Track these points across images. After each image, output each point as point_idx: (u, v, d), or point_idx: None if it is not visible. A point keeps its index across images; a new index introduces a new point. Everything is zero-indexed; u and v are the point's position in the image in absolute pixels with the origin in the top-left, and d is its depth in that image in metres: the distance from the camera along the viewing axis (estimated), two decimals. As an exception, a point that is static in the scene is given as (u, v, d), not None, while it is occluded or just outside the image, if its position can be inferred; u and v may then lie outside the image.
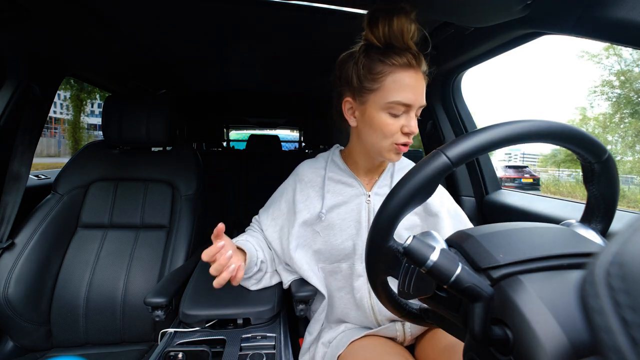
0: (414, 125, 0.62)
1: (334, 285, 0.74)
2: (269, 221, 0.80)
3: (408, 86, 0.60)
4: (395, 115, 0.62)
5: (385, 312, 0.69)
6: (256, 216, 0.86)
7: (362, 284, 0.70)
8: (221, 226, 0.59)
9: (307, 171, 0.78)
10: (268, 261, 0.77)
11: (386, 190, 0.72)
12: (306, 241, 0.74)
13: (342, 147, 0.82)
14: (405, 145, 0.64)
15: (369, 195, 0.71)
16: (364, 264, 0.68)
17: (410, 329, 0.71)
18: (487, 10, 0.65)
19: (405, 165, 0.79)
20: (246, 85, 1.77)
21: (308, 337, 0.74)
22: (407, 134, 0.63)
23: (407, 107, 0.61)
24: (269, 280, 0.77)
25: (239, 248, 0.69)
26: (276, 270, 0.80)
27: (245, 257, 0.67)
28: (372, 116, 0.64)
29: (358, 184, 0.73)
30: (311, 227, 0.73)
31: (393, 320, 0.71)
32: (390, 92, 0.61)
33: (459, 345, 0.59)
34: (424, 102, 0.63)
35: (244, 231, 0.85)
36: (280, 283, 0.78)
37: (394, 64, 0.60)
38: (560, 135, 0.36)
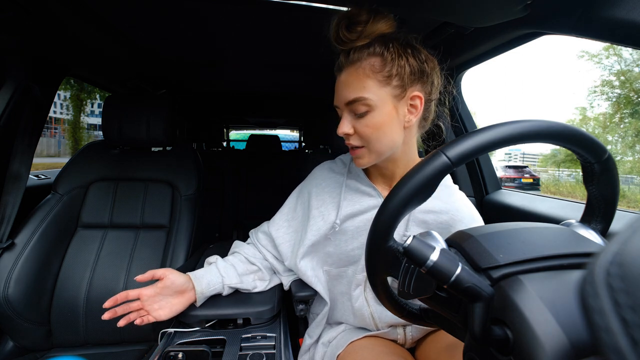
0: (340, 125, 0.61)
1: (338, 289, 0.73)
2: (282, 222, 0.77)
3: (335, 89, 0.63)
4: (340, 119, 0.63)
5: (385, 319, 0.68)
6: (255, 230, 0.82)
7: (359, 293, 0.69)
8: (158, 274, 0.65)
9: (325, 175, 0.74)
10: (265, 275, 0.76)
11: None
12: (314, 249, 0.72)
13: None
14: (351, 147, 0.63)
15: None
16: (364, 273, 0.68)
17: (411, 333, 0.70)
18: (487, 10, 0.65)
19: None
20: (246, 85, 1.76)
21: (308, 340, 0.74)
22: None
23: (338, 108, 0.63)
24: (263, 288, 0.76)
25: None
26: (275, 273, 0.79)
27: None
28: None
29: (377, 194, 0.69)
30: (324, 235, 0.70)
31: (393, 326, 0.70)
32: None
33: (459, 345, 0.59)
34: (347, 97, 0.59)
35: (244, 231, 0.84)
36: (281, 283, 0.78)
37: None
38: (560, 135, 0.36)
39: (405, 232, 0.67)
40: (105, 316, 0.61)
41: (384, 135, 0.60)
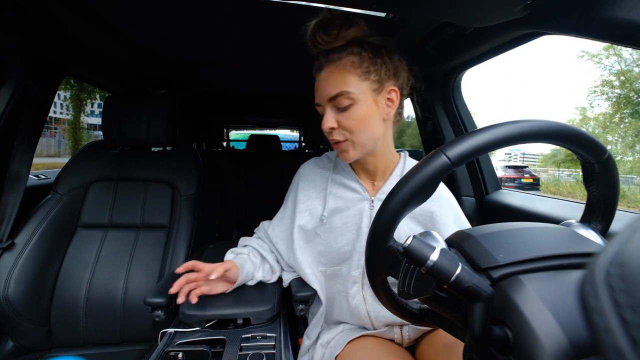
0: (323, 121, 0.64)
1: (335, 288, 0.73)
2: (277, 221, 0.80)
3: (316, 88, 0.66)
4: (322, 116, 0.66)
5: (382, 318, 0.69)
6: (257, 228, 0.86)
7: (357, 291, 0.70)
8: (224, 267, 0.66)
9: (312, 170, 0.77)
10: (275, 267, 0.78)
11: None
12: (307, 244, 0.73)
13: None
14: (333, 142, 0.66)
15: (372, 201, 0.70)
16: (359, 270, 0.69)
17: (408, 332, 0.71)
18: (487, 10, 0.65)
19: None
20: (246, 85, 1.76)
21: (307, 341, 0.74)
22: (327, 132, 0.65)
23: (320, 106, 0.66)
24: (275, 280, 0.80)
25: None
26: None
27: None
28: None
29: (362, 189, 0.71)
30: (312, 229, 0.72)
31: (389, 325, 0.71)
32: None
33: (458, 344, 0.60)
34: (330, 93, 0.63)
35: (244, 231, 0.86)
36: (281, 283, 0.79)
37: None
38: (560, 135, 0.36)
39: None
40: (173, 289, 0.63)
41: (367, 127, 0.63)
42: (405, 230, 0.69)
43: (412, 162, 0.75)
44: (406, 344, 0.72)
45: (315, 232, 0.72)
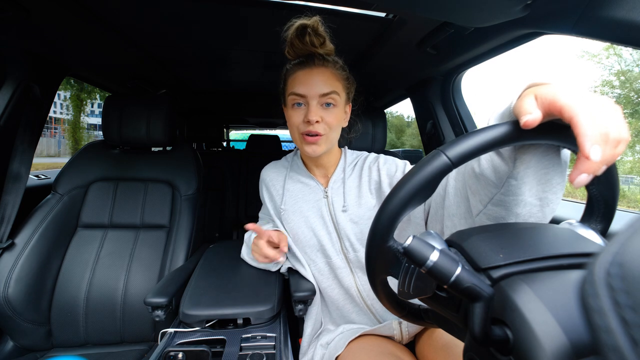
0: (311, 112, 0.68)
1: (324, 284, 0.77)
2: (262, 222, 0.90)
3: (301, 80, 0.69)
4: (298, 108, 0.70)
5: (372, 294, 0.72)
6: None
7: (346, 274, 0.74)
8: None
9: (270, 173, 0.86)
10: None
11: (339, 185, 0.77)
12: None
13: None
14: (308, 135, 0.69)
15: (326, 191, 0.77)
16: (340, 256, 0.74)
17: (407, 328, 0.72)
18: (487, 10, 0.65)
19: (355, 158, 0.82)
20: (246, 85, 1.76)
21: (304, 337, 0.76)
22: (307, 122, 0.68)
23: (303, 97, 0.69)
24: (284, 263, 0.83)
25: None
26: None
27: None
28: (286, 114, 0.74)
29: (315, 182, 0.79)
30: (282, 228, 0.79)
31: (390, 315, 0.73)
32: (289, 87, 0.71)
33: (457, 342, 0.60)
34: (323, 90, 0.68)
35: (244, 231, 0.87)
36: (280, 283, 0.79)
37: (292, 65, 0.72)
38: (561, 134, 0.36)
39: None
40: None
41: (338, 128, 0.73)
42: None
43: (350, 154, 0.82)
44: (406, 340, 0.73)
45: (285, 230, 0.79)
